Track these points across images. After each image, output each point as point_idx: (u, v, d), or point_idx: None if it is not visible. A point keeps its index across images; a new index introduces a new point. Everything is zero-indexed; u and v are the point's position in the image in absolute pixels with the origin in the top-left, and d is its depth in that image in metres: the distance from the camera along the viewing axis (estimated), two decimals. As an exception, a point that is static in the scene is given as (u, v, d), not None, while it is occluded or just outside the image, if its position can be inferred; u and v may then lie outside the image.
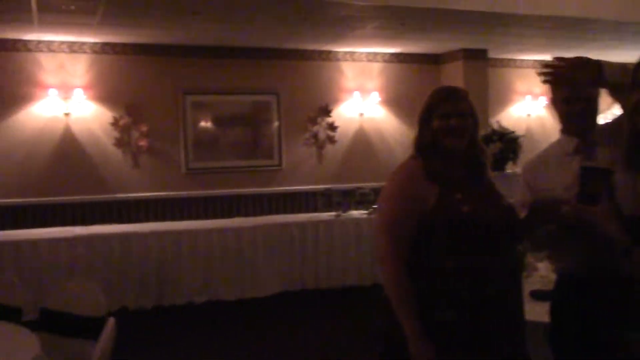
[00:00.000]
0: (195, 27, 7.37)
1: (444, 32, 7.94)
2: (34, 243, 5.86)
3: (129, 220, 7.69)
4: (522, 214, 2.39)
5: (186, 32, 7.61)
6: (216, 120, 8.52)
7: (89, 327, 3.01)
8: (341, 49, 8.93)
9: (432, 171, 2.28)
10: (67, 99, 7.72)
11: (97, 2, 6.05)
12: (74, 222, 7.41)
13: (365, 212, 7.05)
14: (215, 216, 8.02)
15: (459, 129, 2.28)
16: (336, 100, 9.03)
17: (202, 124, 8.47)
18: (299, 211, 8.39)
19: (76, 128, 7.84)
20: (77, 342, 3.16)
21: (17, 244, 5.81)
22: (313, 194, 8.45)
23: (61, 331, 3.20)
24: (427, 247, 2.22)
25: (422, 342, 2.17)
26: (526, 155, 8.75)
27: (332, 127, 8.90)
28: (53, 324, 3.23)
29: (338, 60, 9.05)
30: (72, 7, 6.17)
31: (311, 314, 5.94)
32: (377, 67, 9.25)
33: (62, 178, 7.78)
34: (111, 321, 2.81)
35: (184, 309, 6.11)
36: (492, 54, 9.30)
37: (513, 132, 8.54)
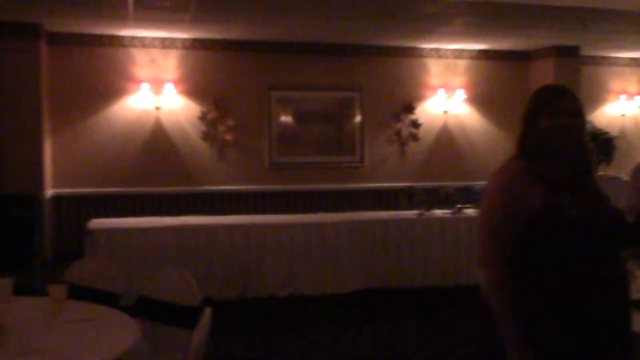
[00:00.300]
0: (282, 24, 7.46)
1: (536, 28, 7.71)
2: (127, 232, 6.08)
3: (213, 213, 7.88)
4: (630, 218, 2.29)
5: (272, 28, 7.72)
6: (300, 116, 8.61)
7: (185, 316, 3.09)
8: (427, 45, 8.82)
9: (538, 172, 2.20)
10: (158, 93, 7.99)
11: (190, -1, 6.22)
12: (161, 213, 7.66)
13: (449, 211, 6.93)
14: (296, 211, 8.09)
15: (569, 128, 2.19)
16: (420, 97, 8.93)
17: (286, 119, 8.57)
18: (381, 209, 8.34)
19: (166, 121, 8.10)
20: (171, 329, 3.25)
21: (111, 232, 6.03)
22: (395, 191, 8.38)
23: (157, 318, 3.29)
24: (532, 251, 2.15)
25: (522, 349, 2.11)
26: (621, 156, 8.41)
27: (416, 124, 8.81)
28: (149, 311, 3.33)
29: (423, 56, 8.95)
30: (167, 4, 6.36)
31: (393, 313, 5.89)
32: (463, 63, 9.09)
33: (152, 169, 8.06)
34: (208, 311, 2.87)
35: (267, 302, 6.19)
36: (585, 51, 8.96)
37: (607, 132, 8.22)
